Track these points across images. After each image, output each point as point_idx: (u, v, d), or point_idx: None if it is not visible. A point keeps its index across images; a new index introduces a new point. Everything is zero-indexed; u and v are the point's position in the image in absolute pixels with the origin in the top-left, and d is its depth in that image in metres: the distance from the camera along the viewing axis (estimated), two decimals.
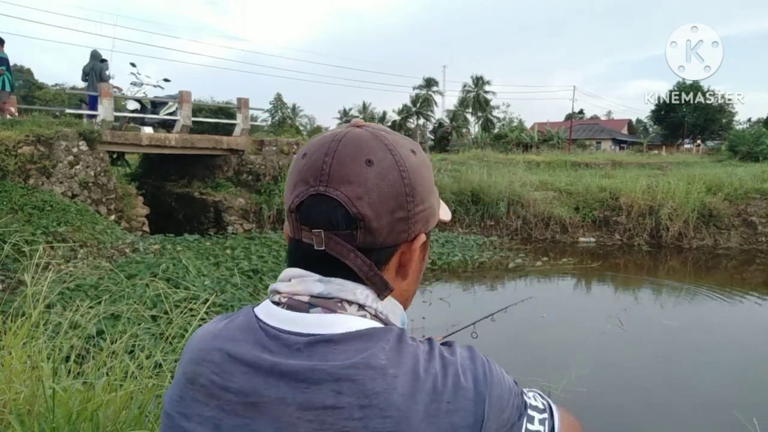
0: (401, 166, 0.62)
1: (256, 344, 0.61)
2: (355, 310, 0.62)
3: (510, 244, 13.08)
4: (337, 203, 0.60)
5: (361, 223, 0.60)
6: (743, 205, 13.80)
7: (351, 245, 0.61)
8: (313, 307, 0.61)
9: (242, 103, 14.02)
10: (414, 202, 0.63)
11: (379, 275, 0.62)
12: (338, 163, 0.61)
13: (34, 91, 39.12)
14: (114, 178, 10.91)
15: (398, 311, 0.67)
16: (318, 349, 0.58)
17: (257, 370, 0.59)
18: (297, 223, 0.63)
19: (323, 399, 0.56)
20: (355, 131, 0.64)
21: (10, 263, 5.99)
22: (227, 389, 0.59)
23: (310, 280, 0.63)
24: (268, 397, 0.57)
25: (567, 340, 7.08)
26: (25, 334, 2.40)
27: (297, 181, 0.63)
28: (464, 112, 55.82)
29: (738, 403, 5.12)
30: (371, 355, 0.57)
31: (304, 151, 0.65)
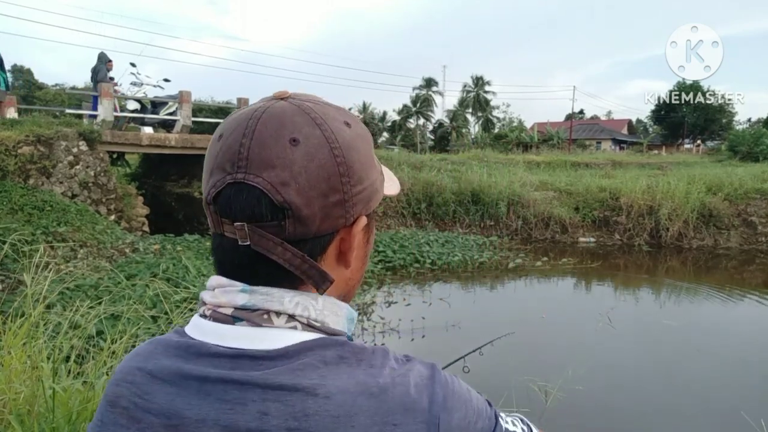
0: (332, 143, 0.54)
1: (178, 359, 0.55)
2: (283, 321, 0.55)
3: (510, 244, 13.08)
4: (259, 191, 0.52)
5: (288, 212, 0.52)
6: (743, 205, 13.80)
7: (279, 238, 0.53)
8: (238, 320, 0.55)
9: (242, 103, 14.02)
10: (351, 183, 0.55)
11: (315, 267, 0.55)
12: (258, 144, 0.53)
13: (34, 91, 39.13)
14: (114, 178, 10.92)
15: (341, 311, 0.59)
16: (242, 364, 0.53)
17: (179, 389, 0.53)
18: (216, 216, 0.56)
19: (247, 421, 0.50)
20: (277, 105, 0.56)
21: (10, 263, 6.00)
22: (148, 411, 0.54)
23: (233, 291, 0.56)
24: (189, 418, 0.52)
25: (565, 340, 7.08)
26: (25, 334, 2.41)
27: (213, 168, 0.56)
28: (464, 112, 55.83)
29: (742, 403, 5.13)
30: (301, 373, 0.51)
31: (220, 132, 0.57)
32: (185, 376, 0.54)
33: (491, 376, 5.78)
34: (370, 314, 7.52)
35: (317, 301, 0.57)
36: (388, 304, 8.12)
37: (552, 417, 4.35)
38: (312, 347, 0.54)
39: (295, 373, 0.52)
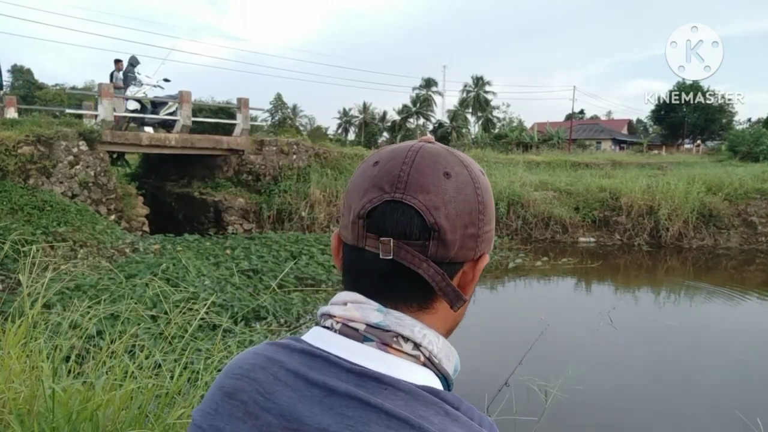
0: (476, 183, 0.62)
1: (303, 365, 0.58)
2: (410, 348, 0.59)
3: (510, 244, 13.09)
4: (413, 211, 0.57)
5: (435, 233, 0.57)
6: (743, 205, 13.81)
7: (423, 255, 0.58)
8: (367, 340, 0.58)
9: (242, 103, 14.02)
10: (484, 221, 0.62)
11: (452, 286, 0.59)
12: (417, 171, 0.59)
13: (34, 91, 39.12)
14: (114, 178, 10.92)
15: (452, 356, 0.64)
16: (368, 384, 0.55)
17: (302, 395, 0.56)
18: (363, 231, 0.59)
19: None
20: (429, 145, 0.63)
21: (10, 263, 6.00)
22: (268, 410, 0.56)
23: (369, 308, 0.59)
24: (309, 425, 0.54)
25: (565, 340, 7.08)
26: (24, 335, 2.41)
27: (368, 187, 0.60)
28: (464, 113, 55.84)
29: (741, 403, 5.13)
30: (425, 416, 0.54)
31: (375, 159, 0.63)
32: (310, 384, 0.56)
33: (491, 376, 5.78)
34: None
35: (439, 339, 0.62)
36: None
37: (552, 417, 4.35)
38: (437, 394, 0.57)
39: (419, 413, 0.54)
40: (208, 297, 3.06)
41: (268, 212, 12.79)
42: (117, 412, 2.00)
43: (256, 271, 8.38)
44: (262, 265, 8.67)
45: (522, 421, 4.16)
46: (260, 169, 13.44)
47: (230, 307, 6.20)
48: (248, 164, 13.44)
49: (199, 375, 2.48)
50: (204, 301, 2.88)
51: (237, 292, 6.92)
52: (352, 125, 59.01)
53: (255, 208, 12.86)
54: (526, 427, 4.13)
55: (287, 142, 14.17)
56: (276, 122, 48.32)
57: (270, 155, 13.63)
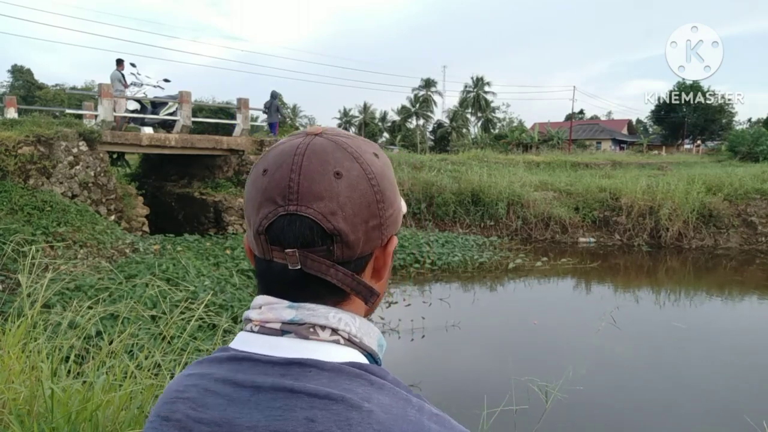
0: (369, 174, 0.61)
1: (230, 370, 0.60)
2: (327, 335, 0.60)
3: (510, 245, 13.08)
4: (310, 221, 0.58)
5: (337, 238, 0.58)
6: (743, 205, 13.80)
7: (329, 260, 0.59)
8: (286, 333, 0.60)
9: (242, 104, 14.01)
10: (384, 208, 0.62)
11: (363, 283, 0.61)
12: (306, 179, 0.58)
13: (33, 91, 39.12)
14: (114, 179, 10.92)
15: (374, 334, 0.65)
16: (292, 371, 0.57)
17: (231, 399, 0.58)
18: (267, 245, 0.60)
19: (295, 426, 0.54)
20: (316, 141, 0.62)
21: (10, 263, 5.99)
22: (200, 421, 0.58)
23: (280, 307, 0.61)
24: (240, 426, 0.56)
25: (565, 340, 7.08)
26: (23, 335, 2.40)
27: (262, 201, 0.60)
28: (464, 113, 55.82)
29: (742, 404, 5.13)
30: (348, 388, 0.56)
31: (264, 167, 0.62)
32: (238, 386, 0.58)
33: (491, 376, 5.78)
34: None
35: (356, 320, 0.62)
36: (388, 305, 8.12)
37: (552, 417, 4.35)
38: (362, 367, 0.59)
39: (342, 386, 0.56)
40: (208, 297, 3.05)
41: None
42: (117, 412, 2.00)
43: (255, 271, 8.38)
44: None
45: (522, 421, 4.16)
46: None
47: (230, 307, 6.20)
48: (248, 164, 13.43)
49: None
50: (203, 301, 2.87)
51: (237, 292, 6.92)
52: (352, 125, 58.99)
53: None
54: (526, 427, 4.13)
55: None
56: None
57: None
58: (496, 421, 3.34)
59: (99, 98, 11.65)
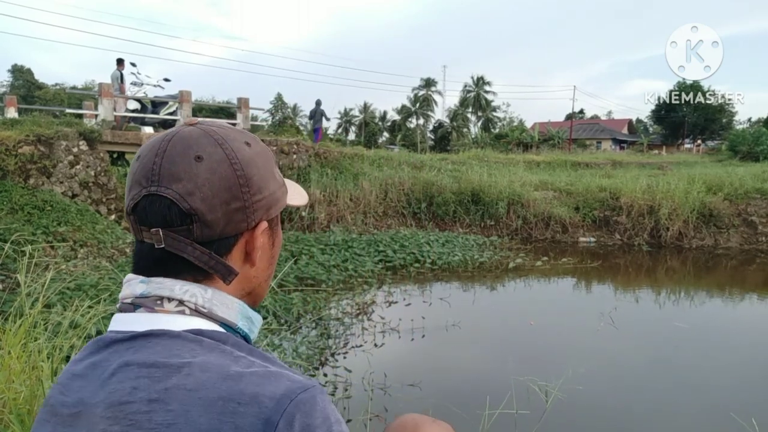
0: (232, 159, 0.64)
1: (91, 353, 0.64)
2: (173, 306, 0.63)
3: (510, 244, 13.08)
4: (169, 201, 0.61)
5: (195, 217, 0.61)
6: (743, 205, 13.80)
7: (189, 239, 0.62)
8: (137, 308, 0.64)
9: (242, 103, 14.02)
10: (250, 192, 0.65)
11: (221, 262, 0.64)
12: (168, 161, 0.62)
13: (33, 91, 39.11)
14: (114, 178, 10.92)
15: (232, 305, 0.67)
16: (136, 344, 0.61)
17: (86, 380, 0.62)
18: (136, 225, 0.64)
19: (121, 396, 0.58)
20: (185, 129, 0.66)
21: (11, 263, 5.99)
22: (64, 404, 0.62)
23: (134, 283, 0.65)
24: (88, 404, 0.60)
25: (565, 340, 7.08)
26: (24, 335, 2.40)
27: (132, 184, 0.64)
28: (465, 112, 55.80)
29: (743, 404, 5.13)
30: (177, 353, 0.59)
31: (138, 154, 0.66)
32: (94, 366, 0.62)
33: (492, 375, 5.78)
34: (370, 314, 7.52)
35: (207, 291, 0.65)
36: (389, 304, 8.11)
37: (552, 417, 4.35)
38: (200, 333, 0.62)
39: (172, 352, 0.59)
40: None
41: None
42: None
43: None
44: None
45: (523, 421, 4.16)
46: None
47: None
48: None
49: None
50: None
51: None
52: (352, 125, 58.98)
53: None
54: (527, 427, 4.13)
55: (287, 142, 14.16)
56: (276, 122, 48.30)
57: None
58: (497, 420, 3.34)
59: (99, 98, 11.66)
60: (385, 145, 44.64)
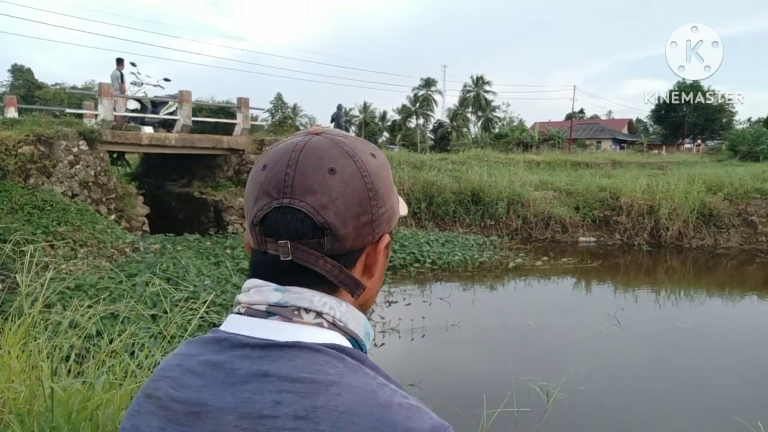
0: (363, 172, 0.63)
1: (211, 352, 0.62)
2: (312, 318, 0.62)
3: (510, 244, 13.08)
4: (302, 214, 0.60)
5: (328, 231, 0.60)
6: (743, 205, 13.80)
7: (319, 252, 0.61)
8: (271, 315, 0.62)
9: (242, 103, 14.01)
10: (377, 205, 0.64)
11: (350, 276, 0.63)
12: (301, 173, 0.61)
13: (33, 91, 39.11)
14: (114, 178, 10.91)
15: (360, 320, 0.66)
16: (271, 354, 0.59)
17: (207, 380, 0.60)
18: (261, 237, 0.62)
19: (261, 408, 0.56)
20: (314, 139, 0.64)
21: (10, 263, 5.99)
22: (176, 400, 0.60)
23: (268, 290, 0.63)
24: (211, 407, 0.58)
25: (565, 340, 7.08)
26: (23, 334, 2.40)
27: (259, 194, 0.63)
28: (464, 112, 55.79)
29: (743, 404, 5.13)
30: (321, 369, 0.57)
31: (264, 163, 0.64)
32: (216, 368, 0.60)
33: (492, 375, 5.78)
34: (370, 314, 7.52)
35: (341, 305, 0.64)
36: (389, 304, 8.12)
37: (553, 417, 4.35)
38: (342, 350, 0.60)
39: (315, 368, 0.57)
40: (209, 296, 3.05)
41: None
42: (117, 411, 2.00)
43: None
44: None
45: (523, 421, 4.16)
46: None
47: (230, 307, 6.20)
48: (248, 164, 13.43)
49: None
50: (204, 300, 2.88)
51: (237, 291, 6.90)
52: (352, 125, 58.99)
53: None
54: (527, 427, 4.13)
55: None
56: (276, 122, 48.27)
57: None
58: (497, 420, 3.33)
59: (99, 98, 11.65)
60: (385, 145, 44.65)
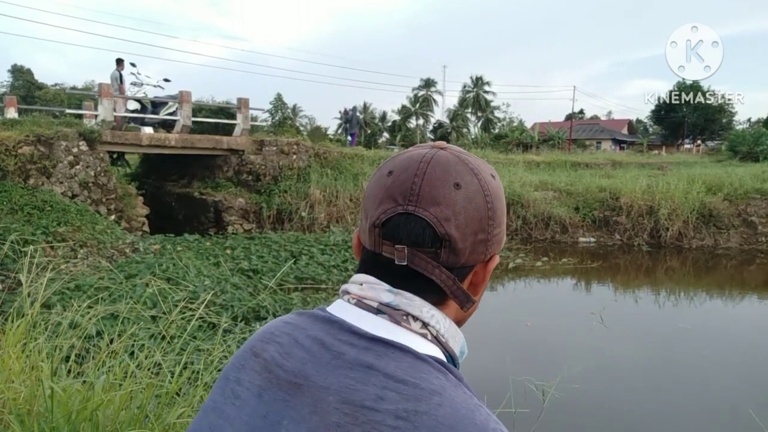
0: (486, 191, 0.65)
1: (320, 330, 0.64)
2: (418, 327, 0.63)
3: (510, 244, 13.08)
4: (425, 223, 0.62)
5: (447, 243, 0.62)
6: (743, 205, 13.81)
7: (435, 262, 0.62)
8: (380, 313, 0.64)
9: (242, 103, 14.02)
10: (493, 225, 0.66)
11: (462, 289, 0.64)
12: (428, 184, 0.63)
13: (33, 91, 39.11)
14: (114, 178, 10.92)
15: (459, 338, 0.68)
16: (377, 348, 0.60)
17: (313, 356, 0.62)
18: (379, 238, 0.64)
19: (364, 398, 0.57)
20: (441, 153, 0.66)
21: (10, 263, 6.00)
22: (282, 367, 0.62)
23: (381, 289, 0.64)
24: (314, 383, 0.60)
25: (563, 340, 7.08)
26: (23, 334, 2.41)
27: (383, 198, 0.64)
28: (464, 113, 55.81)
29: (742, 402, 5.13)
30: (425, 377, 0.58)
31: (390, 169, 0.66)
32: (324, 347, 0.62)
33: (490, 375, 5.78)
34: None
35: (446, 320, 0.66)
36: None
37: (550, 416, 4.35)
38: (443, 364, 0.62)
39: (420, 375, 0.58)
40: (208, 296, 3.05)
41: (268, 212, 12.80)
42: (117, 411, 2.00)
43: (256, 271, 8.38)
44: (262, 265, 8.67)
45: (521, 420, 4.16)
46: (260, 169, 13.44)
47: (230, 307, 6.20)
48: (248, 164, 13.44)
49: (199, 374, 2.47)
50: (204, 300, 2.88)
51: (237, 291, 6.92)
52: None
53: (255, 208, 12.86)
54: (525, 426, 4.13)
55: (287, 142, 14.16)
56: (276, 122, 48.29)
57: (270, 155, 13.63)
58: None
59: (99, 98, 11.66)
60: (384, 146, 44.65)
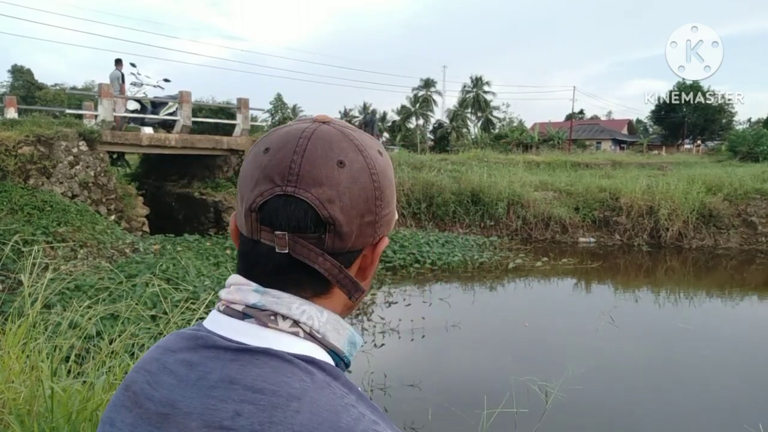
0: (372, 169, 0.60)
1: (187, 350, 0.59)
2: (287, 325, 0.58)
3: (510, 245, 13.08)
4: (306, 205, 0.56)
5: (331, 227, 0.57)
6: (743, 205, 13.81)
7: (319, 249, 0.57)
8: (247, 317, 0.59)
9: (242, 104, 14.01)
10: (381, 206, 0.61)
11: (349, 277, 0.59)
12: (308, 162, 0.57)
13: (33, 91, 39.12)
14: (114, 179, 10.91)
15: (344, 331, 0.62)
16: (242, 359, 0.56)
17: (180, 380, 0.57)
18: (257, 224, 0.58)
19: (223, 417, 0.53)
20: (323, 128, 0.60)
21: (10, 263, 5.99)
22: (150, 398, 0.58)
23: (247, 290, 0.59)
24: (180, 410, 0.55)
25: (564, 340, 7.08)
26: (24, 335, 2.40)
27: (259, 178, 0.58)
28: (464, 113, 55.81)
29: (743, 404, 5.13)
30: (286, 382, 0.54)
31: (266, 146, 0.60)
32: (191, 368, 0.57)
33: (492, 375, 5.78)
34: (370, 314, 7.52)
35: (323, 314, 0.60)
36: (389, 305, 8.12)
37: (552, 417, 4.35)
38: (313, 363, 0.57)
39: (281, 379, 0.54)
40: (208, 297, 3.05)
41: None
42: None
43: None
44: None
45: (522, 421, 4.16)
46: None
47: None
48: None
49: None
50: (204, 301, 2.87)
51: None
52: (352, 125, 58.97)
53: None
54: (526, 427, 4.13)
55: None
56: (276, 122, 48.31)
57: None
58: (497, 420, 3.34)
59: (99, 98, 11.65)
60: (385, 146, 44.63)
